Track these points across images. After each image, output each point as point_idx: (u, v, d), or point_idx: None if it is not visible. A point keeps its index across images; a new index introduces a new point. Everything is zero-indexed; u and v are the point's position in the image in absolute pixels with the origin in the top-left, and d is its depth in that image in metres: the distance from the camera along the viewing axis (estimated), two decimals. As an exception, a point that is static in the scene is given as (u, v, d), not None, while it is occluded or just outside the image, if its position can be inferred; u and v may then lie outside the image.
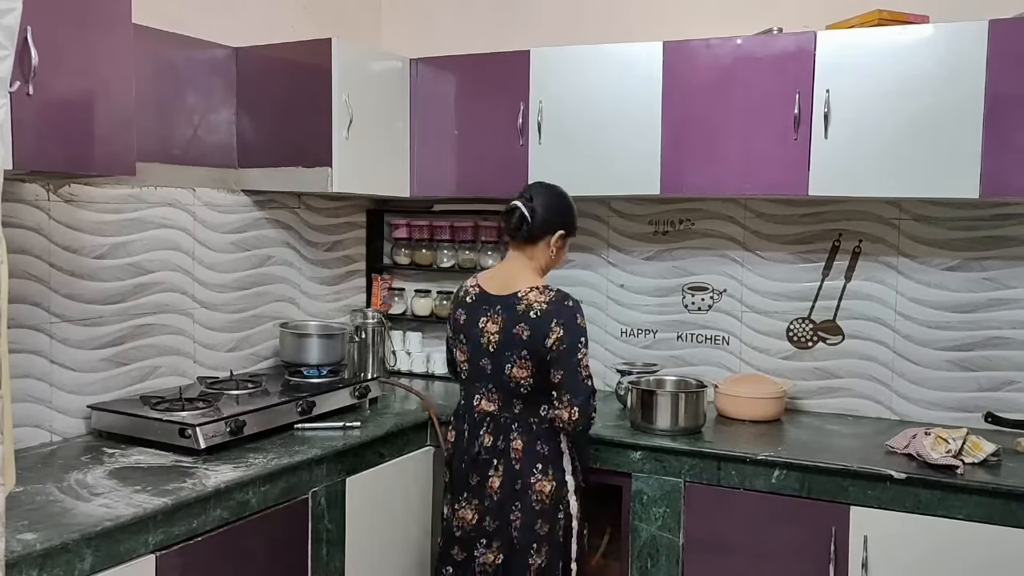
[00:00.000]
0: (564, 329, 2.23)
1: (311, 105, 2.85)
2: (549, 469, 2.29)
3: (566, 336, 2.23)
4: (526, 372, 2.28)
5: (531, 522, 2.28)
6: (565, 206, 2.40)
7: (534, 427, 2.31)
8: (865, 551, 2.37)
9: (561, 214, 2.38)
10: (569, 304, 2.28)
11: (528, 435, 2.31)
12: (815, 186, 2.65)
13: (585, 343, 2.26)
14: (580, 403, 2.22)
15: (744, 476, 2.53)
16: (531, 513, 2.28)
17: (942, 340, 2.88)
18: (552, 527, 2.30)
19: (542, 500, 2.28)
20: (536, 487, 2.28)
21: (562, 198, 2.40)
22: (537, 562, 2.29)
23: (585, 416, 2.23)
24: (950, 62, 2.48)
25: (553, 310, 2.25)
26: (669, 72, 2.81)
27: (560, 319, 2.24)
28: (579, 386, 2.23)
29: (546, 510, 2.29)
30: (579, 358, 2.23)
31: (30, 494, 1.94)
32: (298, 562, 2.35)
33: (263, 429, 2.46)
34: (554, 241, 2.36)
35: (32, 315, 2.34)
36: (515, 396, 2.32)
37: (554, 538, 2.30)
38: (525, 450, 2.30)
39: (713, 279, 3.19)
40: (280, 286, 3.19)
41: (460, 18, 3.58)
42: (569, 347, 2.23)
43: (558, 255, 2.40)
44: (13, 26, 1.40)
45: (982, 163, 2.45)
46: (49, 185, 2.36)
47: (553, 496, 2.29)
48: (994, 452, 2.41)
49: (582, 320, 2.28)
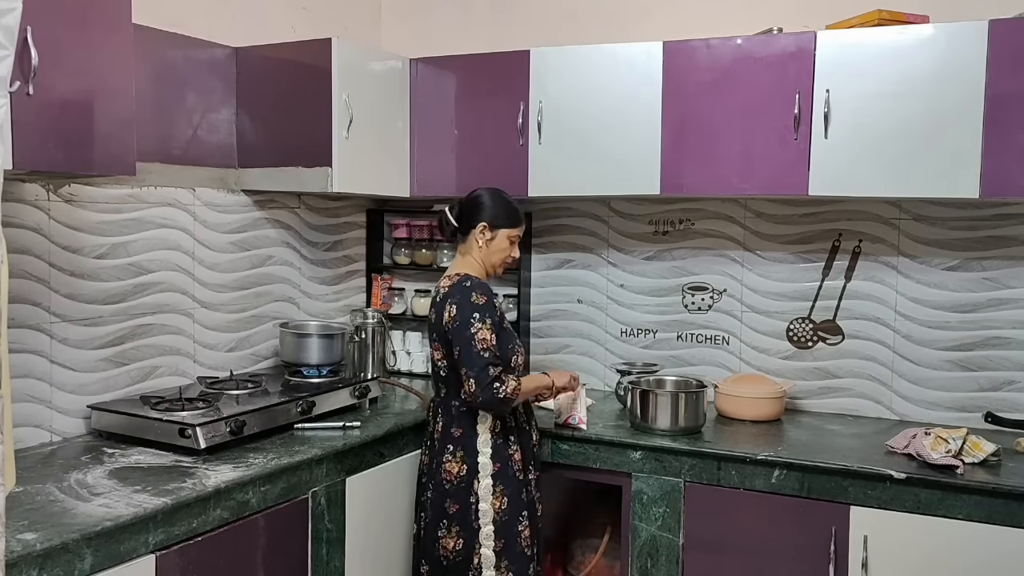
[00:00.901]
0: (457, 306, 2.39)
1: (311, 105, 2.85)
2: (459, 451, 2.42)
3: (458, 313, 2.38)
4: (439, 354, 2.47)
5: (440, 500, 2.43)
6: (483, 200, 2.55)
7: (453, 410, 2.46)
8: (865, 551, 2.38)
9: (479, 207, 2.53)
10: (467, 285, 2.43)
11: (447, 417, 2.47)
12: (815, 186, 2.65)
13: (481, 318, 2.37)
14: (475, 374, 2.32)
15: (744, 476, 2.53)
16: (440, 492, 2.43)
17: (942, 340, 2.88)
18: (463, 508, 2.40)
19: (450, 480, 2.41)
20: (446, 467, 2.42)
21: (487, 193, 2.57)
22: (450, 544, 2.40)
23: (482, 387, 2.31)
24: (950, 62, 2.48)
25: (450, 292, 2.43)
26: (669, 72, 2.81)
27: (455, 298, 2.41)
28: (473, 359, 2.33)
29: (455, 491, 2.41)
30: (472, 332, 2.35)
31: (30, 494, 1.94)
32: (298, 562, 2.35)
33: (263, 429, 2.46)
34: (478, 233, 2.52)
35: (32, 315, 2.34)
36: (439, 380, 2.51)
37: (466, 520, 2.39)
38: (442, 431, 2.46)
39: (713, 279, 3.19)
40: (280, 286, 3.19)
41: (460, 18, 3.58)
42: (462, 322, 2.36)
43: (491, 246, 2.54)
44: (13, 26, 1.40)
45: (982, 163, 2.45)
46: (49, 185, 2.36)
47: (463, 478, 2.40)
48: (994, 452, 2.41)
49: (478, 297, 2.40)
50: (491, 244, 2.53)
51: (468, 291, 2.40)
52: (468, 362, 2.34)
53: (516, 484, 2.42)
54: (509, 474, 2.42)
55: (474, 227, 2.52)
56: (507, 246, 2.55)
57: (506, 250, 2.55)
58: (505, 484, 2.41)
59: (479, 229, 2.51)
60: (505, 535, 2.40)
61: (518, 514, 2.42)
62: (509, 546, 2.40)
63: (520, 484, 2.43)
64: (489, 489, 2.39)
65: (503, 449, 2.42)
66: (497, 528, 2.39)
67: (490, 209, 2.53)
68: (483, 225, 2.51)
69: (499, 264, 2.57)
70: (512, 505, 2.41)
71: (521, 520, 2.42)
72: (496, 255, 2.54)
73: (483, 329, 2.35)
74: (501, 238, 2.53)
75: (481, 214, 2.52)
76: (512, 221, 2.55)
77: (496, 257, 2.55)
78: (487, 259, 2.54)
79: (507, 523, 2.40)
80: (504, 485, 2.41)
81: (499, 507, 2.39)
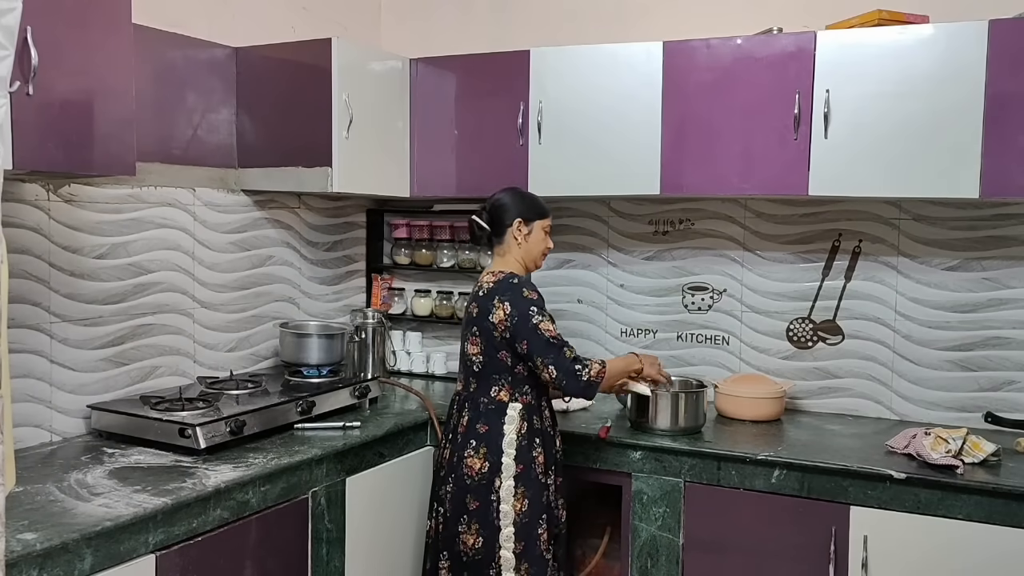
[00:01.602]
0: (510, 303, 2.38)
1: (311, 105, 2.85)
2: (483, 448, 2.40)
3: (514, 309, 2.37)
4: (477, 348, 2.44)
5: (460, 495, 2.40)
6: (512, 197, 2.56)
7: (481, 407, 2.44)
8: (865, 551, 2.37)
9: (510, 206, 2.53)
10: (514, 282, 2.42)
11: (474, 413, 2.45)
12: (815, 186, 2.65)
13: (538, 311, 2.38)
14: (553, 360, 2.34)
15: (744, 476, 2.53)
16: (461, 487, 2.40)
17: (942, 340, 2.88)
18: (484, 505, 2.38)
19: (471, 476, 2.39)
20: (467, 462, 2.40)
21: (509, 192, 2.58)
22: (470, 540, 2.37)
23: (564, 371, 2.33)
24: (950, 62, 2.48)
25: (497, 288, 2.42)
26: (669, 72, 2.81)
27: (503, 295, 2.39)
28: (546, 346, 2.34)
29: (476, 487, 2.38)
30: (535, 323, 2.35)
31: (30, 494, 1.94)
32: (298, 562, 2.35)
33: (263, 429, 2.46)
34: (515, 229, 2.51)
35: (32, 315, 2.34)
36: (470, 374, 2.48)
37: (487, 518, 2.37)
38: (467, 426, 2.44)
39: (713, 279, 3.19)
40: (280, 286, 3.19)
41: (460, 18, 3.58)
42: (520, 317, 2.36)
43: (530, 240, 2.53)
44: (13, 26, 1.40)
45: (982, 163, 2.45)
46: (49, 185, 2.36)
47: (484, 475, 2.38)
48: (994, 452, 2.41)
49: (529, 292, 2.41)
50: (529, 238, 2.52)
51: (518, 287, 2.41)
52: (541, 351, 2.34)
53: (537, 487, 2.40)
54: (532, 476, 2.39)
55: (510, 225, 2.51)
56: (543, 237, 2.55)
57: (543, 241, 2.56)
58: (527, 486, 2.38)
59: (515, 226, 2.51)
60: (525, 537, 2.37)
61: (538, 517, 2.40)
62: (529, 548, 2.38)
63: (541, 487, 2.41)
64: (511, 491, 2.37)
65: (527, 451, 2.40)
66: (517, 530, 2.37)
67: (520, 205, 2.54)
68: (519, 221, 2.51)
69: (539, 257, 2.57)
70: (533, 507, 2.39)
71: (541, 523, 2.40)
72: (535, 247, 2.54)
73: (544, 320, 2.37)
74: (537, 230, 2.54)
75: (513, 211, 2.52)
76: (542, 212, 2.56)
77: (536, 249, 2.55)
78: (528, 254, 2.54)
79: (527, 525, 2.38)
80: (526, 487, 2.38)
81: (520, 509, 2.37)
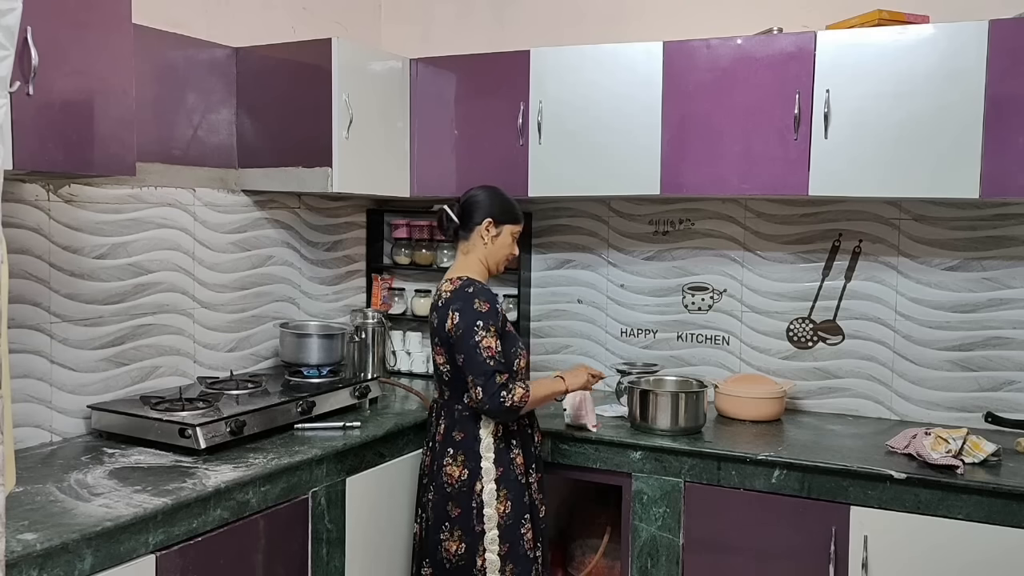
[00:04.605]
0: (459, 314, 2.37)
1: (311, 105, 2.85)
2: (460, 455, 2.41)
3: (461, 320, 2.36)
4: (442, 359, 2.45)
5: (442, 503, 2.42)
6: (488, 195, 2.54)
7: (456, 414, 2.45)
8: (865, 551, 2.38)
9: (482, 204, 2.52)
10: (469, 291, 2.40)
11: (449, 420, 2.46)
12: (815, 186, 2.65)
13: (484, 326, 2.35)
14: (482, 383, 2.32)
15: (744, 476, 2.53)
16: (443, 495, 2.42)
17: (942, 340, 2.88)
18: (465, 512, 2.38)
19: (452, 484, 2.41)
20: (447, 470, 2.42)
21: (486, 190, 2.56)
22: (452, 547, 2.38)
23: (488, 395, 2.31)
24: (950, 62, 2.48)
25: (453, 297, 2.41)
26: (669, 72, 2.81)
27: (456, 304, 2.39)
28: (478, 366, 2.33)
29: (457, 494, 2.40)
30: (476, 340, 2.34)
31: (30, 494, 1.94)
32: (298, 562, 2.35)
33: (263, 429, 2.46)
34: (483, 228, 2.49)
35: (32, 315, 2.34)
36: (442, 383, 2.50)
37: (468, 524, 2.38)
38: (444, 435, 2.45)
39: (713, 279, 3.19)
40: (280, 286, 3.19)
41: (460, 18, 3.58)
42: (465, 331, 2.35)
43: (496, 243, 2.52)
44: (13, 26, 1.40)
45: (982, 163, 2.45)
46: (49, 185, 2.36)
47: (464, 482, 2.40)
48: (994, 452, 2.41)
49: (481, 304, 2.38)
50: (496, 240, 2.51)
51: (471, 297, 2.38)
52: (473, 370, 2.33)
53: (518, 488, 2.42)
54: (511, 478, 2.41)
55: (479, 224, 2.50)
56: (510, 242, 2.54)
57: (509, 246, 2.54)
58: (508, 488, 2.40)
59: (484, 225, 2.49)
60: (509, 539, 2.39)
61: (521, 517, 2.41)
62: (513, 549, 2.39)
63: (522, 487, 2.43)
64: (493, 494, 2.38)
65: (505, 453, 2.41)
66: (502, 532, 2.38)
67: (494, 205, 2.52)
68: (489, 221, 2.49)
69: (503, 261, 2.56)
70: (515, 508, 2.40)
71: (524, 523, 2.41)
72: (500, 251, 2.52)
73: (487, 337, 2.34)
74: (505, 234, 2.52)
75: (485, 210, 2.50)
76: (515, 217, 2.55)
77: (500, 253, 2.53)
78: (491, 256, 2.52)
79: (511, 527, 2.39)
80: (507, 489, 2.40)
81: (503, 511, 2.39)
